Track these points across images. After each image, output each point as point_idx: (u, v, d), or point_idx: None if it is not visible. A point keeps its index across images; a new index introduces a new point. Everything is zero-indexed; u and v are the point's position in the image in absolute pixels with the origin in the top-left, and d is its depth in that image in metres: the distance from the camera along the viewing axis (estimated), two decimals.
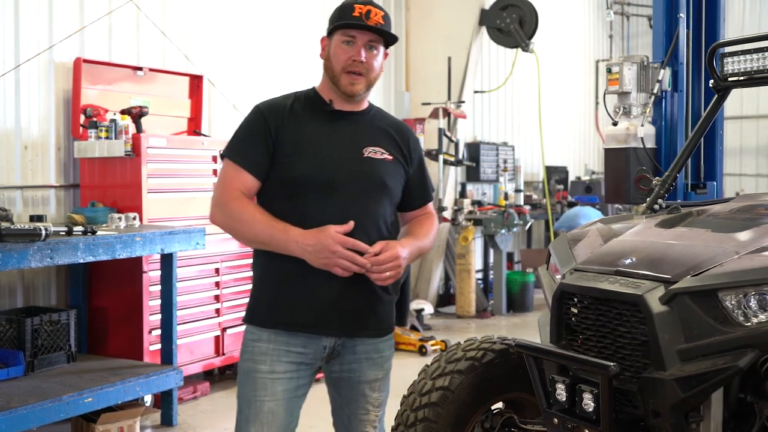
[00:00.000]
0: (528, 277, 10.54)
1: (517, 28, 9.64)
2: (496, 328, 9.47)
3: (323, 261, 2.75)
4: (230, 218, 2.92)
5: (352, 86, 2.93)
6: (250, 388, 2.89)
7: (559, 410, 3.10)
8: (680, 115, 5.55)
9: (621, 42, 16.01)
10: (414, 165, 3.09)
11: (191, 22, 7.27)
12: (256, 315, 2.98)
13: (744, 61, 3.74)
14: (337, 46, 2.95)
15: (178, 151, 6.23)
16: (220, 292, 6.58)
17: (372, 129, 3.02)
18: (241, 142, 2.95)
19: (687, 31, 5.59)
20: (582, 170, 14.51)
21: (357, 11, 2.90)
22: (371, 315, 2.96)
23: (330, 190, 2.87)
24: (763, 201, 3.68)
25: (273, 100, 3.04)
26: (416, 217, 3.14)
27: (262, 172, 2.90)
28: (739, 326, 2.75)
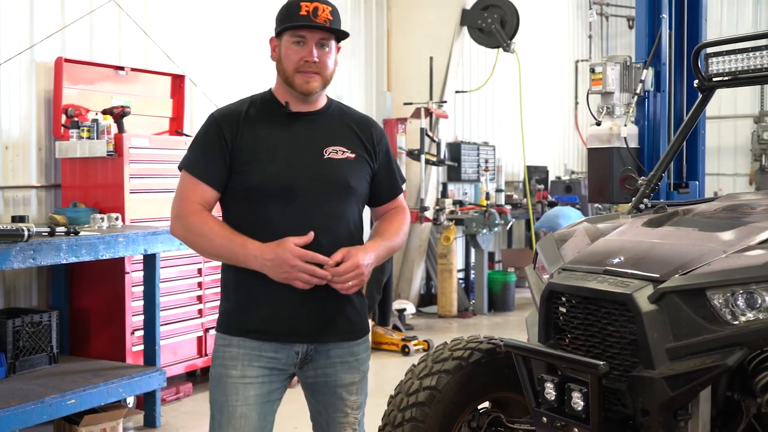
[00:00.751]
0: (509, 277, 10.57)
1: (499, 29, 9.67)
2: (478, 327, 9.49)
3: (283, 275, 2.69)
4: (189, 232, 2.82)
5: (307, 84, 2.85)
6: (221, 394, 2.82)
7: (548, 409, 3.11)
8: (663, 115, 5.59)
9: (600, 42, 16.09)
10: (379, 159, 2.99)
11: (173, 21, 7.23)
12: (226, 323, 2.89)
13: (728, 61, 3.76)
14: (287, 48, 2.87)
15: (161, 151, 6.20)
16: (202, 292, 6.56)
17: (332, 127, 2.93)
18: (197, 153, 2.87)
19: (669, 31, 5.63)
20: (562, 170, 14.56)
21: (304, 10, 2.81)
22: (342, 319, 2.90)
23: (291, 196, 2.79)
24: (747, 200, 3.71)
25: (228, 106, 2.96)
26: (387, 211, 3.08)
27: (219, 182, 2.83)
28: (727, 325, 2.77)
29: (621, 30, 16.44)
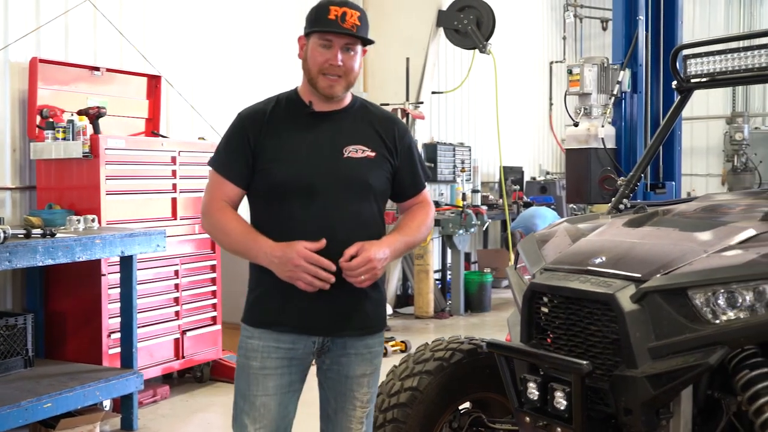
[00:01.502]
0: (486, 277, 10.59)
1: (475, 30, 9.68)
2: (455, 328, 9.51)
3: (287, 273, 2.80)
4: (213, 228, 3.00)
5: (330, 89, 2.93)
6: (244, 383, 2.98)
7: (530, 409, 3.12)
8: (639, 116, 5.63)
9: (574, 44, 16.16)
10: (401, 156, 3.07)
11: (149, 21, 7.19)
12: (249, 315, 3.03)
13: (707, 62, 3.79)
14: (314, 49, 2.93)
15: (137, 152, 6.16)
16: (179, 294, 6.52)
17: (354, 126, 3.01)
18: (223, 152, 3.01)
19: (646, 33, 5.67)
20: (537, 170, 14.62)
21: (333, 14, 2.87)
22: (358, 313, 2.98)
23: (311, 194, 2.89)
24: (725, 200, 3.74)
25: (254, 106, 3.06)
26: (411, 206, 3.16)
27: (243, 180, 2.95)
28: (708, 324, 2.79)
29: (595, 31, 16.53)
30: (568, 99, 5.72)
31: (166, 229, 5.74)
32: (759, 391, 2.81)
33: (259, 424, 2.94)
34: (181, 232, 6.51)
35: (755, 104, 16.34)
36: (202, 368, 6.84)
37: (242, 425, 2.97)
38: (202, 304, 6.75)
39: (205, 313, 6.78)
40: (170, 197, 6.43)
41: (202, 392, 6.65)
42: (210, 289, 6.83)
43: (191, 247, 6.64)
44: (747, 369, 2.84)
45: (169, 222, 6.36)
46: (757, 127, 15.89)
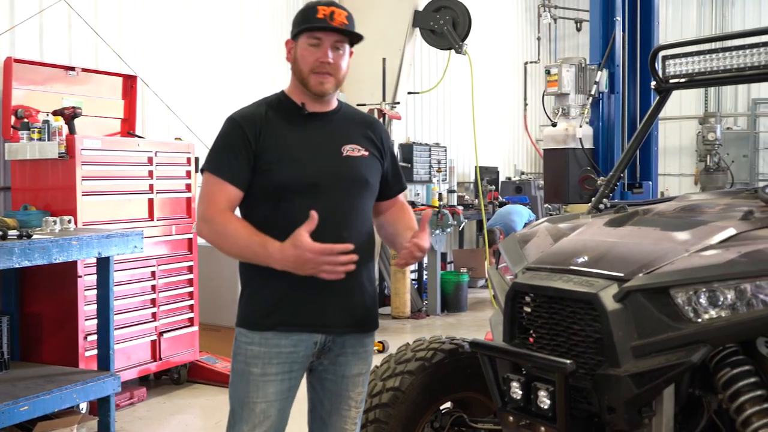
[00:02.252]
0: (462, 277, 10.61)
1: (451, 30, 9.68)
2: (431, 328, 9.52)
3: (309, 272, 2.77)
4: (215, 234, 2.92)
5: (321, 86, 2.94)
6: (243, 390, 2.93)
7: (514, 408, 3.13)
8: (617, 116, 5.67)
9: (548, 44, 16.24)
10: (387, 157, 3.13)
11: (124, 21, 7.14)
12: (247, 319, 2.98)
13: (685, 63, 3.82)
14: (303, 49, 2.95)
15: (113, 152, 6.10)
16: (156, 295, 6.48)
17: (346, 127, 3.05)
18: (220, 154, 2.96)
19: (622, 34, 5.70)
20: (512, 171, 14.68)
21: (321, 13, 2.91)
22: (360, 311, 3.02)
23: (316, 192, 2.91)
24: (704, 200, 3.77)
25: (245, 109, 3.05)
26: (392, 205, 3.20)
27: (244, 182, 2.92)
28: (690, 322, 2.81)
29: (569, 32, 16.62)
30: (546, 99, 5.75)
31: (143, 230, 5.69)
32: (740, 389, 2.84)
33: (258, 430, 2.91)
34: (158, 233, 6.47)
35: (727, 105, 16.51)
36: (179, 370, 6.80)
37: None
38: (179, 305, 6.72)
39: (182, 314, 6.74)
40: (147, 198, 6.39)
41: (179, 394, 6.62)
42: (187, 291, 6.80)
43: (168, 248, 6.60)
44: (728, 367, 2.87)
45: (145, 223, 6.31)
46: (729, 127, 16.06)
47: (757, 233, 3.04)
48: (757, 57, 3.57)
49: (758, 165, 16.26)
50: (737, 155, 15.92)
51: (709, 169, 14.93)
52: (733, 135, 16.09)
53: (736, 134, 16.18)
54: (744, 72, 3.63)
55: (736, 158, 15.85)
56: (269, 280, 2.90)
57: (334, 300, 2.93)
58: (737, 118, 16.49)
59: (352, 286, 2.95)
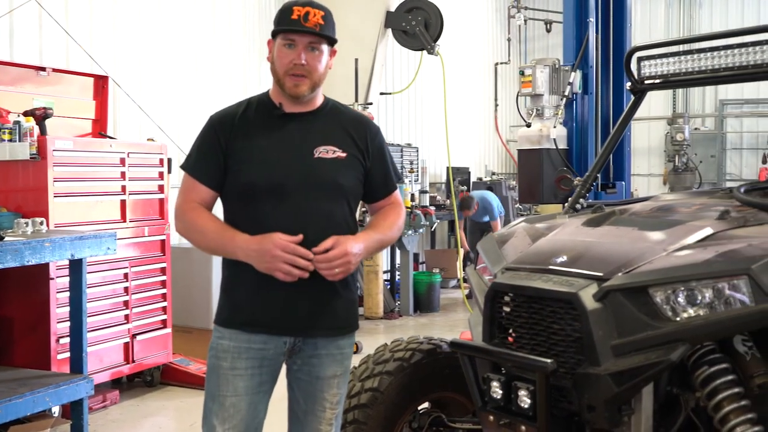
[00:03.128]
0: (434, 278, 10.64)
1: (423, 31, 9.69)
2: (404, 328, 9.54)
3: (265, 265, 2.81)
4: (187, 228, 3.00)
5: (296, 88, 2.95)
6: (214, 384, 2.98)
7: (494, 408, 3.14)
8: (590, 117, 5.71)
9: (518, 45, 16.32)
10: (373, 157, 3.09)
11: (96, 21, 7.08)
12: (220, 316, 3.04)
13: (660, 64, 3.85)
14: (279, 50, 2.97)
15: (85, 153, 6.06)
16: (129, 297, 6.43)
17: (324, 127, 3.03)
18: (195, 154, 3.04)
19: (596, 35, 5.74)
20: (483, 171, 14.73)
21: (296, 14, 2.91)
22: (330, 314, 3.00)
23: (282, 194, 2.91)
24: (680, 200, 3.81)
25: (225, 109, 3.08)
26: (383, 207, 3.18)
27: (215, 182, 2.98)
28: (669, 321, 2.83)
29: (539, 33, 16.71)
30: (521, 100, 5.78)
31: (117, 232, 5.64)
32: (718, 386, 2.86)
33: (228, 424, 2.94)
34: (131, 234, 6.43)
35: (695, 106, 16.70)
36: (152, 372, 6.75)
37: (211, 426, 2.97)
38: (152, 307, 6.67)
39: (155, 316, 6.70)
40: (119, 199, 6.34)
41: (152, 396, 6.57)
42: (160, 292, 6.75)
43: (141, 249, 6.55)
44: (706, 365, 2.89)
45: (118, 224, 6.27)
46: (697, 127, 16.25)
47: (734, 233, 3.07)
48: (732, 58, 3.61)
49: (725, 165, 16.46)
50: (705, 155, 16.11)
51: (678, 169, 15.07)
52: (701, 135, 16.27)
53: (704, 135, 16.36)
54: (719, 73, 3.66)
55: (704, 158, 16.03)
56: (242, 280, 2.94)
57: (303, 303, 2.93)
58: (705, 118, 16.68)
59: (323, 290, 2.94)
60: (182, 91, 8.01)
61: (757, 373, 2.88)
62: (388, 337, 8.25)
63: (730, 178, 16.37)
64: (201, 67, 8.29)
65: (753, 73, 3.59)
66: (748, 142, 16.53)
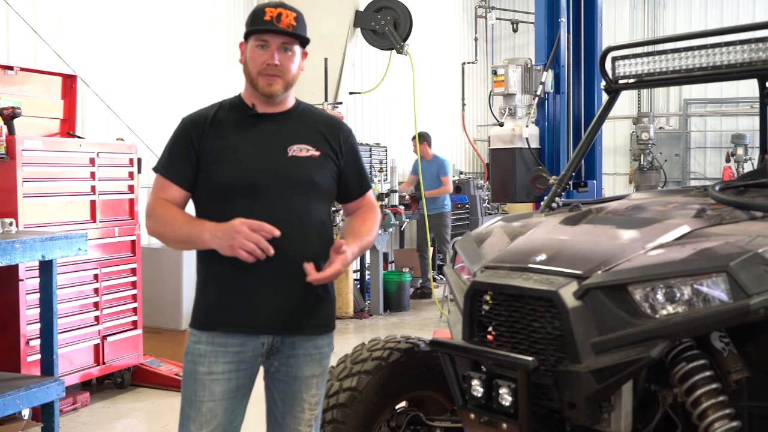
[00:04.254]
0: (404, 277, 10.65)
1: (392, 30, 9.70)
2: (374, 328, 9.55)
3: (229, 243, 2.79)
4: (156, 223, 3.00)
5: (269, 87, 2.96)
6: (190, 389, 2.97)
7: (475, 406, 3.15)
8: (562, 116, 5.75)
9: (485, 45, 16.38)
10: (345, 158, 3.11)
11: (64, 20, 7.01)
12: (196, 319, 3.03)
13: (635, 64, 3.89)
14: (252, 51, 2.99)
15: (55, 153, 5.99)
16: (99, 298, 6.37)
17: (298, 127, 3.05)
18: (167, 155, 3.05)
19: (567, 35, 5.78)
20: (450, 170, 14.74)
21: (268, 15, 2.93)
22: (308, 314, 3.01)
23: (255, 193, 2.93)
24: (655, 198, 3.85)
25: (197, 111, 3.10)
26: (357, 207, 3.19)
27: (187, 183, 3.00)
28: (648, 318, 2.86)
29: (505, 33, 16.79)
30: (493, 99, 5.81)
31: (87, 233, 5.58)
32: (696, 382, 2.90)
33: (205, 429, 2.94)
34: (101, 235, 6.37)
35: (659, 105, 16.88)
36: (122, 374, 6.70)
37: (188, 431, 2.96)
38: (123, 308, 6.62)
39: (125, 317, 6.65)
40: (89, 200, 6.28)
41: (123, 398, 6.52)
42: (130, 293, 6.70)
43: (111, 250, 6.50)
44: (684, 362, 2.93)
45: (88, 225, 6.21)
46: (662, 126, 16.42)
47: (710, 230, 3.11)
48: (705, 58, 3.65)
49: (690, 164, 16.66)
50: (670, 154, 16.28)
51: (643, 168, 15.19)
52: (666, 135, 16.44)
53: (669, 134, 16.54)
54: (692, 73, 3.71)
55: (669, 157, 16.20)
56: (216, 279, 2.96)
57: (278, 302, 2.94)
58: (669, 118, 16.86)
59: (301, 288, 2.94)
60: (151, 91, 7.95)
61: (734, 369, 2.92)
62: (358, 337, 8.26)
63: (695, 177, 16.57)
64: (170, 66, 8.24)
65: (726, 73, 3.64)
66: (711, 141, 16.74)
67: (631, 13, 16.60)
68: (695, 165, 16.73)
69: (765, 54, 3.47)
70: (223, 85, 8.69)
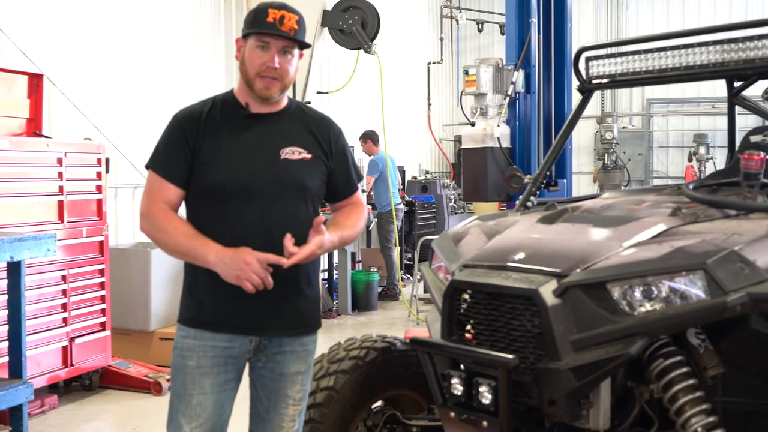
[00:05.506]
0: (372, 276, 10.66)
1: (360, 30, 9.69)
2: (343, 327, 9.54)
3: (236, 272, 2.81)
4: (155, 230, 2.97)
5: (267, 90, 2.95)
6: (179, 383, 2.99)
7: (455, 404, 3.16)
8: (533, 116, 5.79)
9: (450, 45, 16.44)
10: (335, 158, 3.12)
11: (29, 17, 6.92)
12: (184, 315, 3.05)
13: (608, 64, 3.93)
14: (251, 51, 2.96)
15: (22, 153, 5.93)
16: (67, 300, 6.30)
17: (290, 128, 3.04)
18: (162, 152, 3.01)
19: (538, 35, 5.83)
20: (417, 170, 14.79)
21: (271, 16, 2.90)
22: (296, 313, 3.03)
23: (247, 195, 2.93)
24: (629, 197, 3.89)
25: (190, 107, 3.07)
26: (344, 206, 3.20)
27: (183, 180, 2.97)
28: (627, 316, 2.89)
29: (470, 33, 16.85)
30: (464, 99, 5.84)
31: (56, 233, 5.52)
32: (673, 378, 2.93)
33: (195, 422, 2.95)
34: (69, 235, 6.30)
35: (623, 105, 17.05)
36: (90, 376, 6.64)
37: (178, 425, 2.97)
38: (91, 309, 6.56)
39: (93, 318, 6.59)
40: (56, 200, 6.21)
41: (91, 400, 6.47)
42: (98, 294, 6.65)
43: (79, 251, 6.43)
44: (661, 358, 2.96)
45: (56, 225, 6.15)
46: (625, 126, 16.58)
47: (686, 228, 3.15)
48: (678, 59, 3.70)
49: (653, 163, 16.86)
50: (633, 153, 16.47)
51: (607, 167, 15.35)
52: (629, 134, 16.62)
53: (632, 133, 16.72)
54: (665, 73, 3.75)
55: (632, 156, 16.39)
56: (204, 280, 2.94)
57: (267, 302, 2.93)
58: (632, 117, 17.04)
59: (288, 289, 2.96)
60: (119, 90, 7.88)
61: (710, 364, 2.96)
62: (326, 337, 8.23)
63: (657, 176, 16.77)
64: (137, 66, 8.16)
65: (699, 73, 3.69)
66: (673, 141, 16.95)
67: (594, 13, 16.75)
68: (658, 164, 16.93)
69: (737, 55, 3.52)
70: (190, 84, 8.64)
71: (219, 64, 9.54)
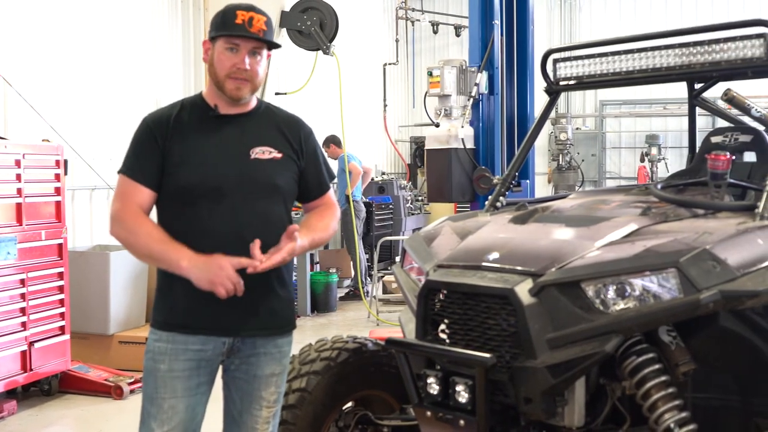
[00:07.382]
0: (331, 278, 10.64)
1: (318, 31, 9.67)
2: (303, 329, 9.49)
3: (209, 277, 2.79)
4: (127, 233, 2.94)
5: (237, 91, 2.95)
6: (151, 387, 2.97)
7: (431, 403, 3.17)
8: (496, 117, 5.83)
9: (406, 46, 16.48)
10: (306, 158, 3.12)
11: None
12: (156, 319, 3.03)
13: (576, 66, 3.98)
14: (220, 53, 2.95)
15: None
16: (26, 304, 6.20)
17: (260, 129, 3.04)
18: (132, 156, 3.00)
19: (501, 37, 5.87)
20: (374, 171, 14.78)
21: (240, 18, 2.90)
22: (270, 315, 3.02)
23: (219, 196, 2.92)
24: (598, 197, 3.94)
25: (159, 111, 3.06)
26: (316, 207, 3.19)
27: (154, 182, 2.95)
28: (602, 314, 2.93)
29: (426, 34, 16.91)
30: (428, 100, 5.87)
31: (16, 236, 5.45)
32: (646, 375, 2.98)
33: (167, 426, 2.93)
34: (27, 238, 6.20)
35: (576, 106, 17.24)
36: (49, 381, 6.54)
37: (149, 429, 2.95)
38: (50, 313, 6.47)
39: (52, 322, 6.50)
40: (14, 202, 6.10)
41: (51, 405, 6.37)
42: (57, 298, 6.55)
43: (37, 254, 6.33)
44: (634, 355, 3.01)
45: (14, 228, 6.04)
46: (579, 127, 16.76)
47: (657, 228, 3.21)
48: (645, 61, 3.76)
49: (606, 163, 17.07)
50: (586, 154, 16.65)
51: (561, 168, 15.51)
52: (582, 135, 16.81)
53: (585, 134, 16.91)
54: (632, 75, 3.81)
55: (586, 157, 16.58)
56: (176, 283, 2.91)
57: (240, 303, 2.91)
58: (585, 118, 17.23)
59: (261, 289, 2.96)
60: (76, 92, 7.77)
61: (681, 361, 3.03)
62: None
63: (611, 176, 16.98)
64: (95, 67, 8.06)
65: (665, 75, 3.76)
66: (626, 142, 17.17)
67: (547, 15, 16.88)
68: (611, 165, 17.14)
69: (703, 57, 3.59)
70: (147, 85, 8.55)
71: (176, 65, 9.45)
